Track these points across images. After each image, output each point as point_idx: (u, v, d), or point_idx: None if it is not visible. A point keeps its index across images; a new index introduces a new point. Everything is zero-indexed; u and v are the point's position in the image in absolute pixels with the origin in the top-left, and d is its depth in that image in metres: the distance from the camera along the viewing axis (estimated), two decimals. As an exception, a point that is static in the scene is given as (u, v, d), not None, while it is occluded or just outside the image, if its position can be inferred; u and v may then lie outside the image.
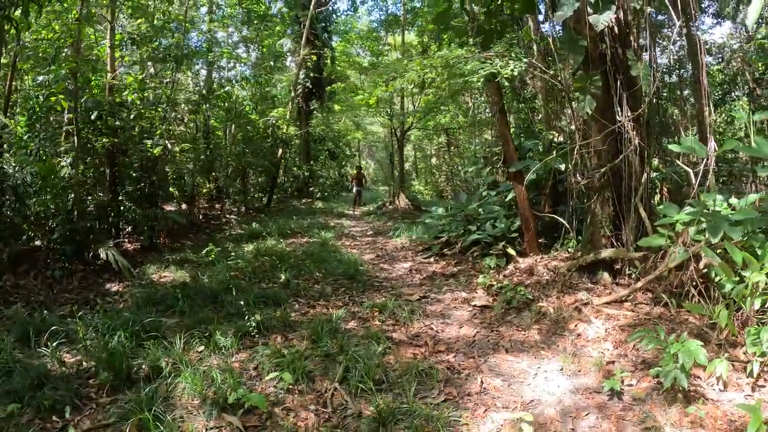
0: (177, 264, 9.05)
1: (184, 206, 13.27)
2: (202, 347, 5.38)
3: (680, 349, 4.19)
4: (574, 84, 6.98)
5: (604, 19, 6.03)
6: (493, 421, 4.09)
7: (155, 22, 11.10)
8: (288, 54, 22.14)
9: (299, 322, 6.32)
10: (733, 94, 12.70)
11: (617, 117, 6.75)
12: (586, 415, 4.12)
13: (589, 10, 6.23)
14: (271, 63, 17.56)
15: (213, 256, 8.87)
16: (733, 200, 5.60)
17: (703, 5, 11.71)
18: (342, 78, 21.86)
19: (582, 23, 6.48)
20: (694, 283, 5.53)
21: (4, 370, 4.66)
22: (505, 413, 4.19)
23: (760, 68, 11.29)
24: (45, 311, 6.46)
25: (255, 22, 16.72)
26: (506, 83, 8.57)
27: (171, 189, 12.93)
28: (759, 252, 4.73)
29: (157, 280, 8.26)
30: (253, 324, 5.87)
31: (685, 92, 10.77)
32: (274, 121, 16.75)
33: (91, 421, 4.08)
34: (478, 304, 7.10)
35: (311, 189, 23.56)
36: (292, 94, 19.11)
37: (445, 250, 10.44)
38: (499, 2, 7.46)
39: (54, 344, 5.19)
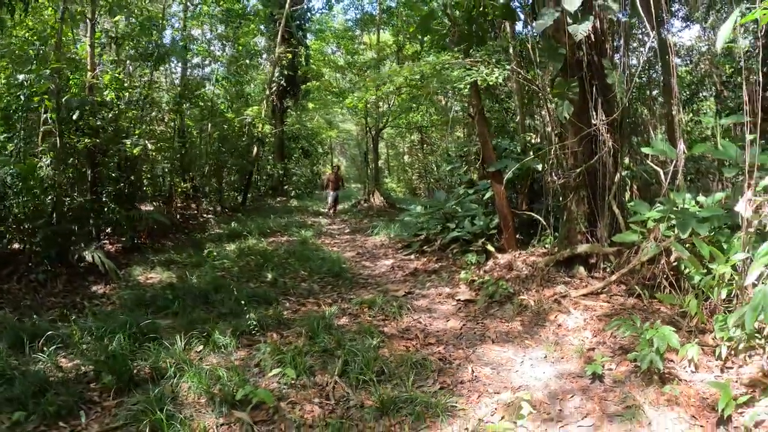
0: (162, 265, 9.12)
1: (161, 206, 13.22)
2: (201, 347, 5.51)
3: (655, 334, 4.56)
4: (552, 90, 7.34)
5: (582, 29, 6.39)
6: (487, 405, 4.39)
7: (137, 19, 11.10)
8: (263, 52, 22.17)
9: (292, 320, 6.52)
10: (701, 94, 13.25)
11: (593, 121, 7.15)
12: (572, 397, 4.46)
13: (568, 20, 6.59)
14: (247, 61, 17.60)
15: (212, 257, 8.98)
16: (701, 198, 6.01)
17: (673, 9, 12.21)
18: (317, 76, 22.00)
19: (561, 32, 6.84)
20: (665, 276, 5.90)
21: (3, 377, 4.64)
22: (497, 397, 4.50)
23: (728, 71, 11.80)
24: (35, 316, 6.46)
25: (231, 21, 16.75)
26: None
27: (146, 189, 12.91)
28: (725, 246, 5.15)
29: (143, 281, 8.32)
30: (254, 322, 6.04)
31: (654, 92, 11.22)
32: (249, 120, 16.84)
33: (99, 425, 4.12)
34: (462, 299, 7.41)
35: (286, 187, 23.64)
36: (267, 92, 19.20)
37: (425, 247, 10.73)
38: (480, 8, 7.79)
39: (50, 349, 5.18)
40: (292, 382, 4.76)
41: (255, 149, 18.37)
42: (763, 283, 3.73)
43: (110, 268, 8.08)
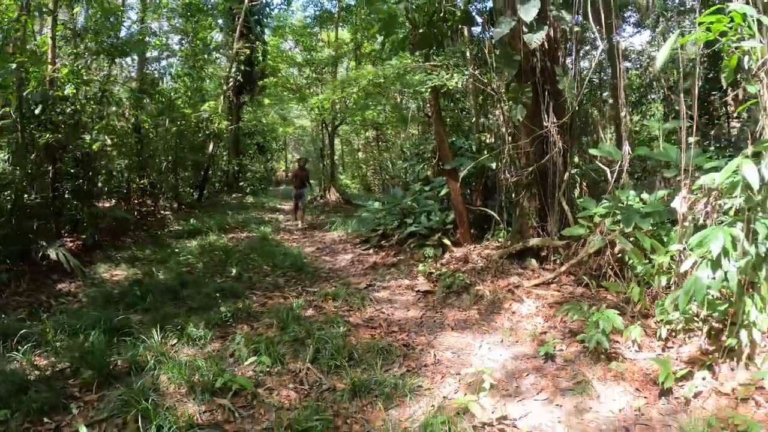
0: (127, 262, 9.14)
1: (119, 203, 13.03)
2: (176, 340, 5.66)
3: (601, 317, 5.04)
4: (507, 94, 7.79)
5: (537, 38, 6.84)
6: (450, 384, 4.78)
7: (100, 11, 10.96)
8: (221, 47, 21.95)
9: (261, 312, 6.74)
10: (649, 97, 13.96)
11: (544, 123, 7.62)
12: (527, 375, 4.90)
13: (524, 29, 7.02)
14: (205, 56, 17.50)
15: (177, 253, 9.02)
16: (645, 195, 6.54)
17: (625, 14, 12.85)
18: (274, 72, 21.98)
19: (516, 40, 7.28)
20: (610, 266, 6.40)
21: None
22: (459, 377, 4.89)
23: (675, 76, 12.46)
24: (2, 315, 6.42)
25: (191, 15, 16.60)
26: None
27: (102, 185, 12.73)
28: (665, 239, 5.68)
29: (109, 278, 8.33)
30: (228, 314, 6.26)
31: (605, 93, 11.77)
32: (207, 116, 16.78)
33: (83, 419, 4.18)
34: (422, 290, 7.79)
35: (241, 184, 23.54)
36: (224, 87, 19.13)
37: (383, 242, 11.04)
38: (441, 14, 8.19)
39: (25, 348, 5.19)
40: (268, 369, 5.00)
41: (211, 145, 18.32)
42: (695, 270, 4.21)
43: (76, 266, 8.05)
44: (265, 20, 23.45)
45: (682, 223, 4.94)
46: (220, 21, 20.90)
